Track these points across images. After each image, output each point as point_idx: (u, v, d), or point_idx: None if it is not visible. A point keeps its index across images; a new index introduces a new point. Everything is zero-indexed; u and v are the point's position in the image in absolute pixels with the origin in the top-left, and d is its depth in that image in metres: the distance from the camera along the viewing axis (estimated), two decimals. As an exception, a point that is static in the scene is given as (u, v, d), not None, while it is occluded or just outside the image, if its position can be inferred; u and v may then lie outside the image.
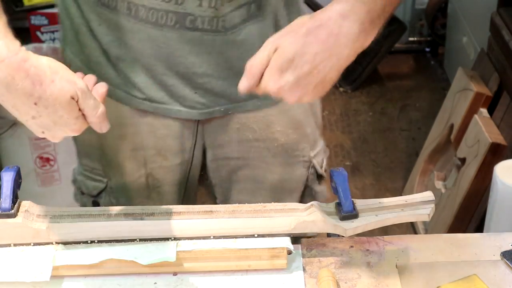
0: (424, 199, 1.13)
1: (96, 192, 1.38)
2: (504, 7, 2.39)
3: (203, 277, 1.09)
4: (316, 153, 1.40)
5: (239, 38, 1.20)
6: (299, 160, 1.38)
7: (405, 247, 1.15)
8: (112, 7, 1.18)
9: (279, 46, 0.96)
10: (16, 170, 1.10)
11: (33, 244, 1.09)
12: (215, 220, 1.11)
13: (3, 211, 1.08)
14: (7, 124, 2.42)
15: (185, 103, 1.27)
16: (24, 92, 0.88)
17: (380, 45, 3.41)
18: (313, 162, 1.39)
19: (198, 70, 1.22)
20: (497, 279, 1.08)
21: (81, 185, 1.40)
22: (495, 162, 1.90)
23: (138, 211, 1.12)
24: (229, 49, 1.20)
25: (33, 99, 0.89)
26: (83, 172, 1.39)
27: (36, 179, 2.51)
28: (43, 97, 0.89)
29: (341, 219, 1.09)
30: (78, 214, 1.11)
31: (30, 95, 0.88)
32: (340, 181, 1.10)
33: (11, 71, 0.86)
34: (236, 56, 1.21)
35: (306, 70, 0.94)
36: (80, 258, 1.07)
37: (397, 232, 1.51)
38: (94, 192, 1.38)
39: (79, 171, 1.41)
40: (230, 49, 1.20)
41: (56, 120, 0.92)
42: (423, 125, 3.16)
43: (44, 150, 2.50)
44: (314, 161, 1.39)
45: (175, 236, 1.10)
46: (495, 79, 2.37)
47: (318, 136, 1.41)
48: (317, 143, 1.41)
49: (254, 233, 1.10)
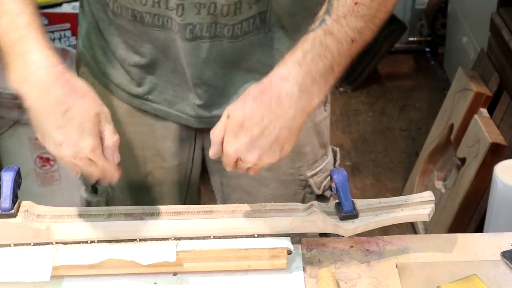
0: (424, 199, 1.13)
1: None
2: (504, 7, 2.39)
3: (203, 277, 1.09)
4: (314, 173, 1.36)
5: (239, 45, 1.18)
6: (294, 179, 1.34)
7: (405, 247, 1.15)
8: (118, 14, 1.18)
9: (230, 113, 1.02)
10: (16, 170, 1.10)
11: (33, 244, 1.09)
12: (215, 220, 1.11)
13: (3, 211, 1.08)
14: (7, 124, 2.42)
15: (185, 110, 1.27)
16: (57, 99, 0.97)
17: (380, 45, 3.41)
18: (309, 182, 1.36)
19: (202, 76, 1.22)
20: (497, 279, 1.08)
21: None
22: (495, 162, 1.90)
23: (138, 211, 1.12)
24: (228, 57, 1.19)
25: (63, 108, 0.97)
26: None
27: (36, 179, 2.51)
28: (72, 108, 0.97)
29: (341, 219, 1.09)
30: (78, 214, 1.11)
31: (62, 103, 0.97)
32: (340, 181, 1.10)
33: (49, 79, 0.96)
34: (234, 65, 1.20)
35: (257, 132, 1.00)
36: (80, 258, 1.07)
37: (397, 232, 1.51)
38: None
39: None
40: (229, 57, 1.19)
41: (77, 135, 0.98)
42: (423, 125, 3.16)
43: (44, 150, 2.48)
44: (311, 181, 1.35)
45: (175, 236, 1.10)
46: (495, 79, 2.37)
47: (321, 156, 1.36)
48: (318, 163, 1.36)
49: (254, 233, 1.10)
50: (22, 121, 2.40)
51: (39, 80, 0.97)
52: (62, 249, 1.08)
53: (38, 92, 0.97)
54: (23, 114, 2.37)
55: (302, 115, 1.02)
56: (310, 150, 1.34)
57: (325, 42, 1.01)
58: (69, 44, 2.97)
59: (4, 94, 2.39)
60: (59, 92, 0.97)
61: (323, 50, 1.00)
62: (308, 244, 1.15)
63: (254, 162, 1.03)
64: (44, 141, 1.04)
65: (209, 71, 1.21)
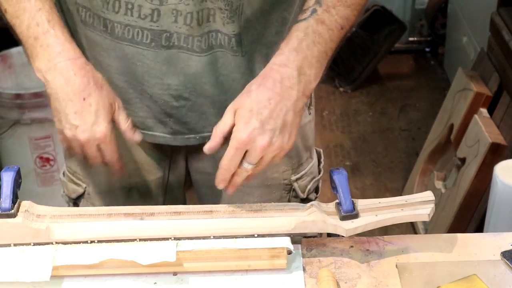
0: (424, 199, 1.13)
1: (75, 196, 1.37)
2: (504, 7, 2.39)
3: (203, 277, 1.09)
4: (299, 177, 1.35)
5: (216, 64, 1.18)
6: (279, 183, 1.33)
7: (405, 247, 1.15)
8: (89, 24, 1.17)
9: (238, 106, 1.07)
10: (16, 170, 1.10)
11: (33, 244, 1.09)
12: (215, 220, 1.11)
13: (3, 211, 1.08)
14: (7, 124, 2.42)
15: (159, 129, 1.25)
16: (78, 88, 1.08)
17: (380, 45, 3.41)
18: (293, 186, 1.35)
19: (174, 93, 1.20)
20: (497, 279, 1.08)
21: (63, 185, 1.40)
22: (495, 162, 1.91)
23: (138, 211, 1.12)
24: (206, 73, 1.18)
25: (83, 95, 1.09)
26: (67, 174, 1.39)
27: (36, 179, 2.52)
28: (91, 96, 1.09)
29: (341, 219, 1.09)
30: (78, 214, 1.11)
31: (82, 91, 1.08)
32: (340, 181, 1.10)
33: (74, 68, 1.08)
34: (212, 82, 1.20)
35: (266, 114, 1.06)
36: (80, 258, 1.07)
37: (397, 232, 1.51)
38: (73, 195, 1.37)
39: (64, 172, 1.40)
40: (207, 73, 1.18)
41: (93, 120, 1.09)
42: (423, 125, 3.16)
43: (44, 150, 2.50)
44: (295, 185, 1.35)
45: (175, 236, 1.10)
46: (495, 79, 2.37)
47: (306, 159, 1.36)
48: (303, 166, 1.36)
49: (254, 233, 1.10)
50: (22, 121, 2.40)
51: (63, 70, 1.08)
52: (62, 249, 1.08)
53: (62, 80, 1.08)
54: (23, 114, 2.38)
55: (303, 97, 1.08)
56: (295, 154, 1.33)
57: (318, 30, 1.09)
58: (69, 44, 2.97)
59: (4, 94, 2.39)
60: (80, 82, 1.08)
61: (316, 38, 1.09)
62: (308, 244, 1.15)
63: (265, 147, 1.06)
64: (60, 125, 1.12)
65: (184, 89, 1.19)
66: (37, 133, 2.46)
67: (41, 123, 2.43)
